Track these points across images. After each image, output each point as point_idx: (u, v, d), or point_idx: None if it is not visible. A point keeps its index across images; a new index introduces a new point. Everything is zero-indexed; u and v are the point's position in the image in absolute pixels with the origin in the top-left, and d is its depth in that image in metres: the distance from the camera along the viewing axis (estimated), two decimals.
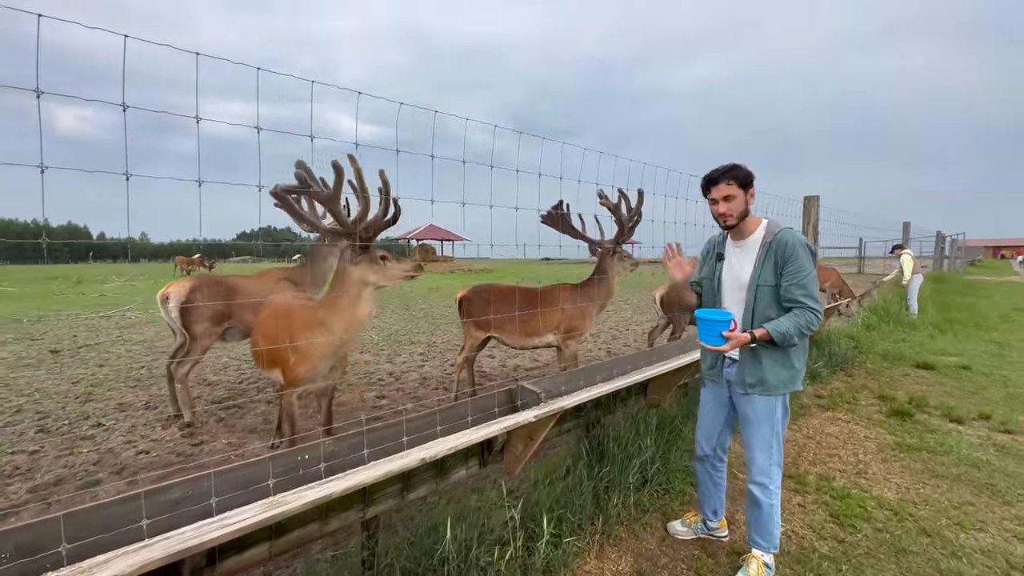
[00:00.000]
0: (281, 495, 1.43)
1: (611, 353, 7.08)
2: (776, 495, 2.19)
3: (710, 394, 2.40)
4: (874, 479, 3.21)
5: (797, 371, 2.11)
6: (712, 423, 2.40)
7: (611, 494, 2.59)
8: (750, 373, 2.13)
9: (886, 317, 8.51)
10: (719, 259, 2.28)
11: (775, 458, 2.17)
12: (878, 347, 6.70)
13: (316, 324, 2.70)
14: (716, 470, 2.46)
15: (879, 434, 3.93)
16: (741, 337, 2.01)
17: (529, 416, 1.95)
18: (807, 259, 1.99)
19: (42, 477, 3.08)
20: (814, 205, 6.36)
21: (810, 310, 1.97)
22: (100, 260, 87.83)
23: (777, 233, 2.06)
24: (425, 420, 2.10)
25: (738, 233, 2.17)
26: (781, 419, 2.16)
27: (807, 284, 1.99)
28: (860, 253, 23.48)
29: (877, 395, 4.86)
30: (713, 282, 2.29)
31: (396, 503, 1.97)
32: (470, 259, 36.37)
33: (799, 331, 1.97)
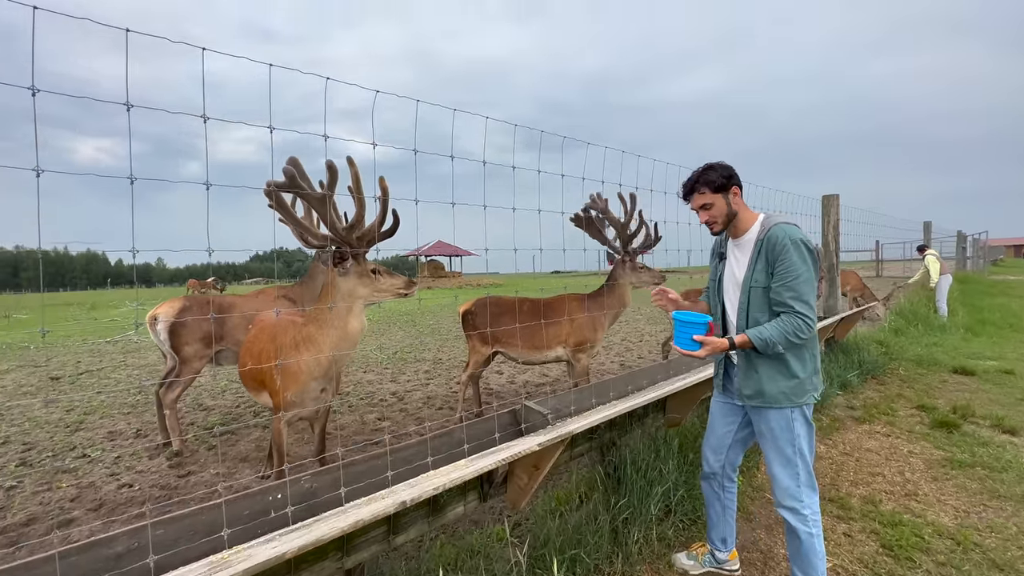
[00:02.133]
0: (228, 553, 1.18)
1: (624, 366, 6.76)
2: (814, 522, 1.91)
3: (718, 403, 2.18)
4: (927, 501, 2.86)
5: (801, 381, 1.87)
6: (720, 436, 2.16)
7: (631, 528, 2.29)
8: (746, 383, 1.96)
9: (914, 320, 8.09)
10: (721, 258, 2.10)
11: (803, 478, 1.90)
12: (909, 352, 6.30)
13: (303, 341, 2.48)
14: (725, 491, 2.21)
15: (925, 449, 3.57)
16: (717, 343, 1.85)
17: (532, 444, 1.69)
18: (800, 258, 1.78)
19: (13, 516, 2.85)
20: (834, 204, 6.05)
21: (798, 315, 1.77)
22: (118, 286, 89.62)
23: (769, 229, 1.86)
24: (414, 450, 1.84)
25: (735, 231, 1.99)
26: (804, 435, 1.90)
27: (797, 286, 1.78)
28: (878, 256, 22.91)
29: (916, 404, 4.48)
30: (715, 283, 2.11)
31: (382, 548, 1.70)
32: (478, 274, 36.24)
33: (784, 339, 1.78)
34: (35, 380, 6.76)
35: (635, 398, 2.37)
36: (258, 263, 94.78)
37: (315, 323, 2.47)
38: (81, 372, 7.24)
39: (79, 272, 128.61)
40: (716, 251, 2.14)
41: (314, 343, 2.43)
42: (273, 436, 2.72)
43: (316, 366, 2.46)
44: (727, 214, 1.93)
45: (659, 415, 2.96)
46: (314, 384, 2.54)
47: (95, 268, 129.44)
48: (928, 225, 12.33)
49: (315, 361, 2.45)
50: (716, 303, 2.11)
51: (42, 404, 5.39)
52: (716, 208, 1.93)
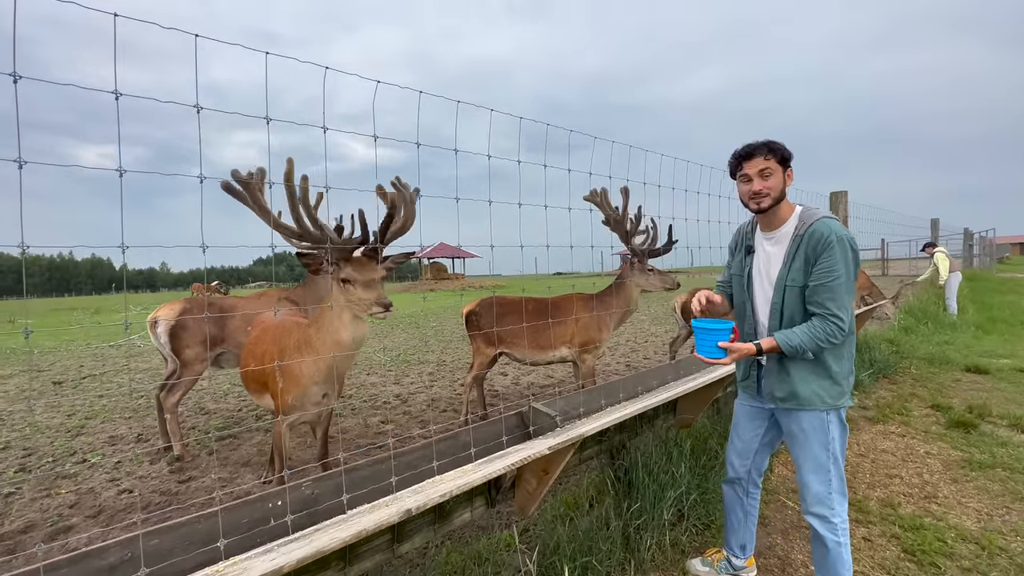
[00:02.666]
0: (224, 565, 1.11)
1: (631, 367, 6.68)
2: (843, 531, 1.80)
3: (744, 407, 2.06)
4: (947, 504, 2.77)
5: (837, 383, 1.75)
6: (747, 441, 2.05)
7: (643, 534, 2.21)
8: (778, 385, 1.83)
9: (923, 318, 7.97)
10: (748, 252, 1.94)
11: (835, 484, 1.79)
12: (920, 351, 6.19)
13: (305, 344, 2.41)
14: (749, 496, 2.11)
15: (942, 449, 3.48)
16: (743, 348, 1.73)
17: (542, 448, 1.62)
18: (843, 259, 1.65)
19: (10, 524, 2.80)
20: (842, 201, 5.95)
21: (832, 320, 1.64)
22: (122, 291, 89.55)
23: (811, 224, 1.71)
24: (419, 454, 1.77)
25: (768, 222, 1.84)
26: (838, 438, 1.78)
27: (836, 288, 1.64)
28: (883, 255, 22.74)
29: (930, 404, 4.38)
30: (743, 279, 1.95)
31: (386, 557, 1.63)
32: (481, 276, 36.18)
33: (815, 344, 1.66)
34: (37, 385, 6.73)
35: (646, 399, 2.29)
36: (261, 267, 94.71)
37: (315, 326, 2.41)
38: (84, 376, 7.20)
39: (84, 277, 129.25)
40: (741, 244, 1.97)
41: (312, 346, 2.37)
42: (274, 440, 2.66)
43: (316, 370, 2.39)
44: (781, 191, 1.77)
45: (670, 416, 2.88)
46: (315, 388, 2.47)
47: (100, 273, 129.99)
48: (936, 223, 12.20)
49: (314, 364, 2.38)
50: (744, 302, 1.95)
51: (43, 408, 5.36)
52: (775, 179, 1.75)
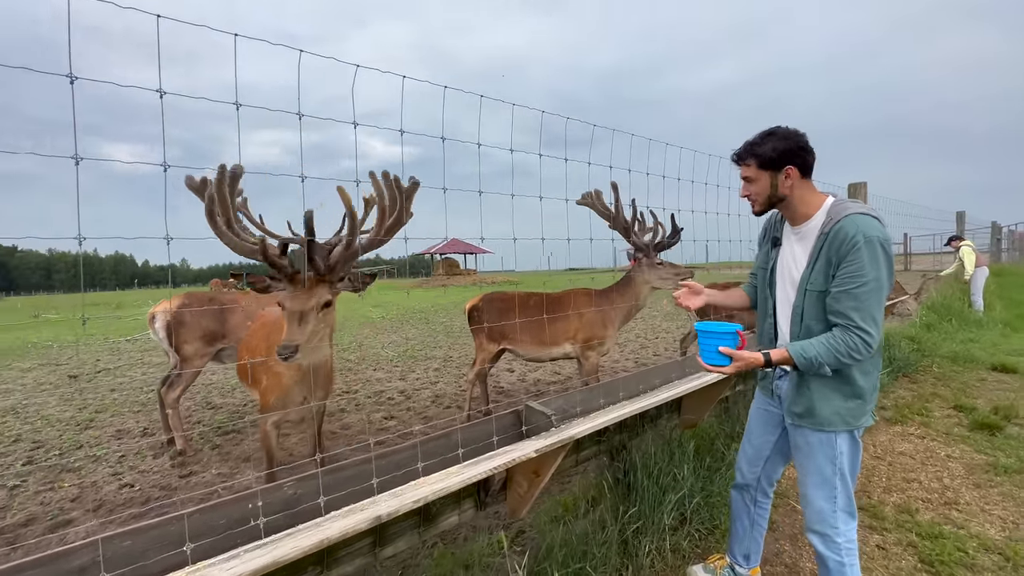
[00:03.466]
0: (185, 572, 1.06)
1: (640, 363, 6.55)
2: (849, 552, 1.65)
3: (759, 410, 1.92)
4: (969, 511, 2.62)
5: (862, 400, 1.58)
6: (758, 447, 1.92)
7: (642, 539, 2.12)
8: (796, 400, 1.66)
9: (947, 315, 7.67)
10: (775, 245, 1.76)
11: (840, 503, 1.63)
12: (943, 349, 5.95)
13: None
14: (758, 505, 1.98)
15: (964, 452, 3.31)
16: (749, 357, 1.55)
17: (528, 451, 1.54)
18: (872, 261, 1.43)
19: (12, 517, 2.82)
20: (861, 193, 5.72)
21: (857, 332, 1.43)
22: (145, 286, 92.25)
23: (839, 220, 1.50)
24: (406, 454, 1.70)
25: (791, 216, 1.67)
26: (848, 453, 1.62)
27: (862, 296, 1.43)
28: (906, 249, 22.10)
29: (953, 404, 4.19)
30: (766, 273, 1.78)
31: (367, 561, 1.57)
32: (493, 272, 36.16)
33: (835, 359, 1.45)
34: (54, 378, 6.87)
35: (646, 399, 2.20)
36: None
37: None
38: (99, 370, 7.34)
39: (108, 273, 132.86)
40: (769, 234, 1.81)
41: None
42: (260, 438, 2.62)
43: (291, 371, 2.31)
44: (769, 196, 1.63)
45: (673, 416, 2.78)
46: (296, 389, 2.40)
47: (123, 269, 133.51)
48: (961, 215, 11.75)
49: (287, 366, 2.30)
50: (766, 298, 1.79)
51: (57, 401, 5.45)
52: (758, 186, 1.63)
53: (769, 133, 1.61)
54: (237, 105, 1.44)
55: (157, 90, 1.35)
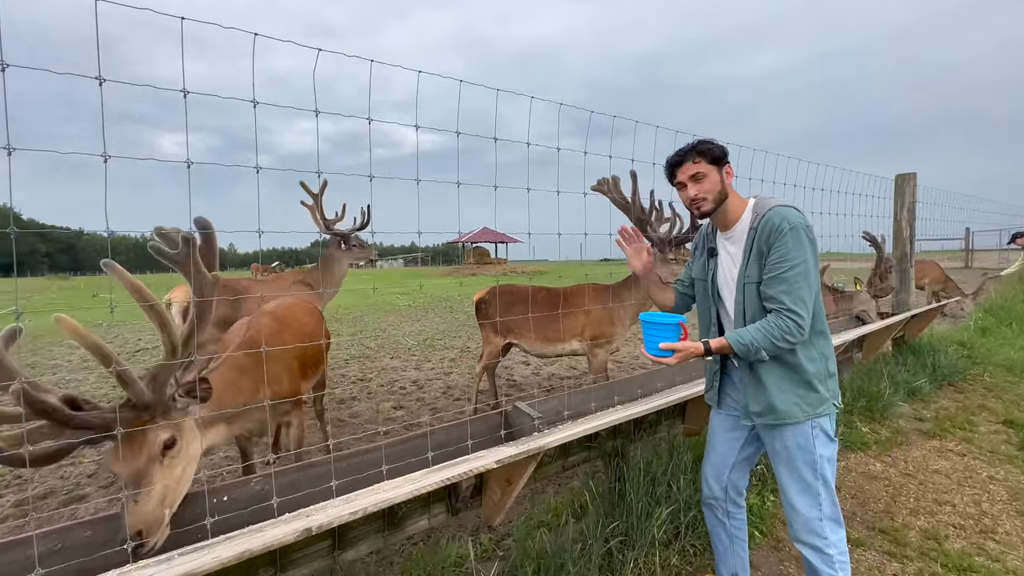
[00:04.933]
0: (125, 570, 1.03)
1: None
2: (841, 563, 1.59)
3: (720, 416, 1.87)
4: (1008, 542, 2.36)
5: (814, 388, 1.58)
6: (722, 455, 1.86)
7: (628, 553, 2.00)
8: (753, 398, 1.66)
9: (1006, 319, 7.02)
10: (711, 255, 1.77)
11: (825, 509, 1.60)
12: (998, 356, 5.43)
13: None
14: (731, 518, 1.89)
15: (1010, 474, 2.99)
16: (689, 347, 1.58)
17: (489, 461, 1.44)
18: (798, 245, 1.50)
19: (33, 489, 2.99)
20: (909, 184, 5.28)
21: (788, 314, 1.48)
22: None
23: (765, 213, 1.56)
24: (364, 458, 1.65)
25: (723, 221, 1.70)
26: (827, 455, 1.60)
27: (792, 279, 1.49)
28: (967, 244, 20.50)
29: (1002, 419, 3.81)
30: (706, 283, 1.79)
31: (326, 564, 1.53)
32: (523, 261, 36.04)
33: (769, 342, 1.49)
34: (74, 359, 7.28)
35: (639, 405, 2.06)
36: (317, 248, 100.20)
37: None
38: (138, 350, 7.75)
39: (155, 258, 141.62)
40: (704, 246, 1.82)
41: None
42: None
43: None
44: (720, 192, 1.64)
45: (675, 422, 2.62)
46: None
47: None
48: None
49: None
50: (709, 307, 1.80)
51: (96, 379, 5.78)
52: (709, 181, 1.63)
53: (700, 141, 1.66)
54: (255, 103, 1.51)
55: (181, 90, 1.40)
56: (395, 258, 63.43)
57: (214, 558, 1.02)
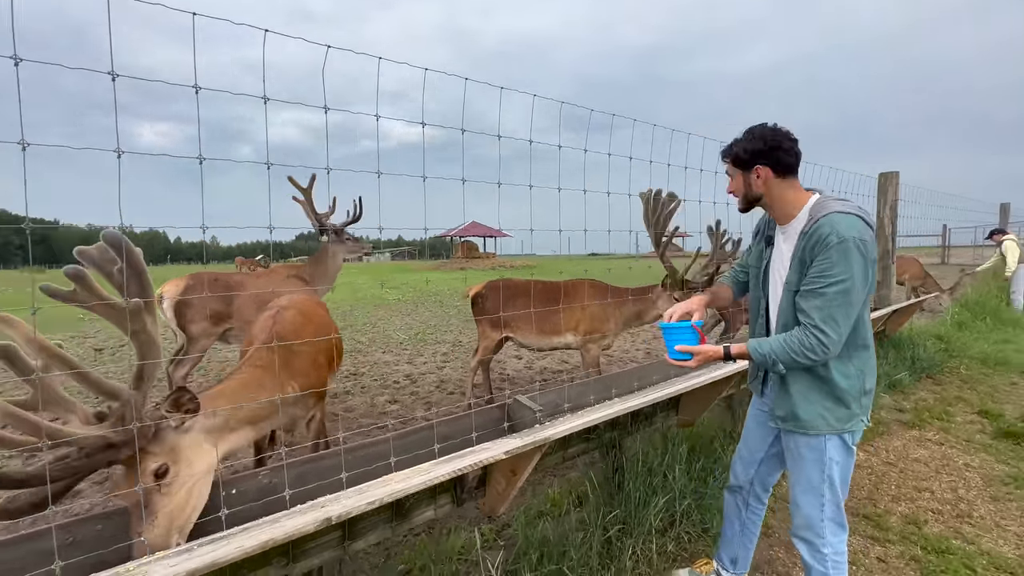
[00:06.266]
0: (134, 564, 1.05)
1: (651, 354, 6.44)
2: (835, 564, 1.62)
3: (755, 412, 1.88)
4: (983, 526, 2.48)
5: (845, 404, 1.53)
6: (753, 449, 1.88)
7: (626, 540, 2.07)
8: (778, 402, 1.65)
9: (981, 313, 7.27)
10: (768, 243, 1.72)
11: (828, 511, 1.60)
12: (974, 349, 5.64)
13: None
14: (750, 509, 1.94)
15: (985, 462, 3.13)
16: (709, 351, 1.59)
17: (498, 452, 1.49)
18: (843, 261, 1.40)
19: None
20: (892, 183, 5.43)
21: (815, 332, 1.41)
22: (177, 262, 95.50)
23: (817, 220, 1.47)
24: (372, 450, 1.68)
25: (777, 215, 1.65)
26: (839, 462, 1.58)
27: (828, 296, 1.40)
28: (944, 241, 21.06)
29: (978, 410, 3.97)
30: (759, 272, 1.74)
31: (336, 554, 1.57)
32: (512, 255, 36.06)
33: (788, 356, 1.45)
34: (81, 351, 7.15)
35: (637, 397, 2.11)
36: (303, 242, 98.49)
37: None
38: (123, 344, 7.61)
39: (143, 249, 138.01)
40: (763, 232, 1.77)
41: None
42: None
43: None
44: (745, 194, 1.63)
45: (670, 414, 2.69)
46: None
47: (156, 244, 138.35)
48: (1006, 207, 11.07)
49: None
50: (758, 298, 1.76)
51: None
52: (735, 183, 1.65)
53: (747, 131, 1.60)
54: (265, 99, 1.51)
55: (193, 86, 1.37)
56: (382, 251, 62.93)
57: (237, 547, 1.05)
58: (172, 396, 1.54)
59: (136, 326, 1.46)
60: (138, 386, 1.51)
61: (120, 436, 1.44)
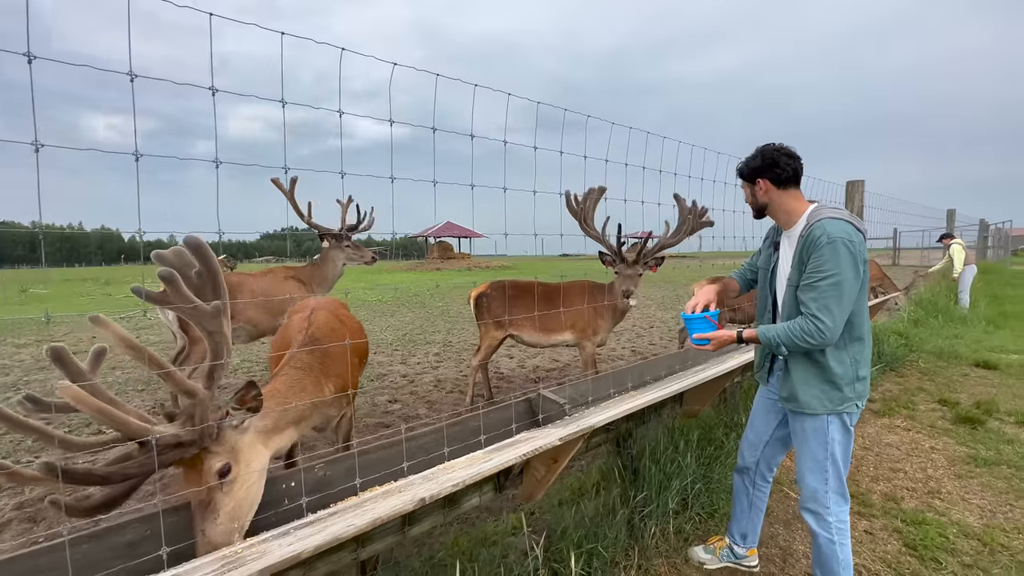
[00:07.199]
0: (243, 546, 1.14)
1: (636, 352, 6.69)
2: (839, 530, 1.83)
3: (762, 398, 2.10)
4: (950, 500, 2.79)
5: (838, 388, 1.74)
6: (759, 432, 2.10)
7: (647, 522, 2.24)
8: (782, 385, 1.88)
9: (934, 311, 7.89)
10: (776, 248, 1.97)
11: (832, 484, 1.81)
12: (929, 344, 6.15)
13: None
14: (757, 488, 2.15)
15: (947, 445, 3.48)
16: (724, 336, 1.86)
17: (553, 439, 1.63)
18: (834, 258, 1.62)
19: (31, 491, 2.89)
20: (858, 191, 5.83)
21: (812, 318, 1.64)
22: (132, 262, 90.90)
23: (812, 225, 1.71)
24: (430, 438, 1.79)
25: (781, 222, 1.90)
26: (840, 440, 1.79)
27: (822, 288, 1.63)
28: (895, 244, 22.44)
29: (937, 399, 4.37)
30: (767, 273, 1.99)
31: (397, 540, 1.67)
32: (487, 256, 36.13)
33: (790, 340, 1.68)
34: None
35: (656, 390, 2.30)
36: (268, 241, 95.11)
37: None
38: None
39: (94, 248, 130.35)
40: (772, 239, 2.02)
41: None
42: None
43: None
44: (755, 203, 1.90)
45: (676, 405, 2.89)
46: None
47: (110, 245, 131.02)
48: (951, 213, 11.98)
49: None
50: (766, 295, 2.00)
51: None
52: (746, 195, 1.93)
53: (756, 151, 1.87)
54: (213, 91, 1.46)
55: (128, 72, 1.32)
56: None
57: (348, 525, 1.14)
58: (240, 391, 1.60)
59: (212, 327, 1.52)
60: (209, 386, 1.56)
61: (190, 435, 1.50)
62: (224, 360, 1.59)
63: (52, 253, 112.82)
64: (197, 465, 1.47)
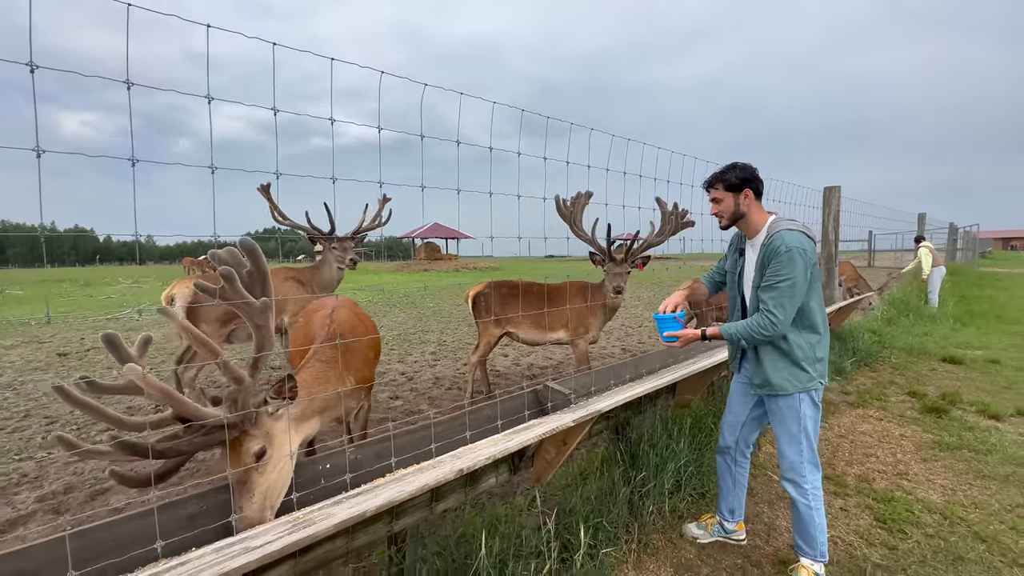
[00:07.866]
0: (307, 511, 1.30)
1: (626, 350, 6.93)
2: (814, 496, 2.08)
3: (738, 384, 2.34)
4: (917, 480, 3.05)
5: (804, 369, 2.00)
6: (737, 414, 2.33)
7: (646, 501, 2.45)
8: (755, 373, 2.11)
9: (905, 310, 8.31)
10: (741, 254, 2.21)
11: (806, 455, 2.07)
12: (900, 341, 6.52)
13: None
14: (738, 465, 2.38)
15: (915, 432, 3.77)
16: (689, 334, 2.11)
17: (567, 420, 1.82)
18: (790, 265, 1.88)
19: (50, 485, 2.97)
20: (835, 196, 6.18)
21: (768, 315, 1.90)
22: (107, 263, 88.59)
23: (772, 236, 1.96)
24: (452, 424, 1.96)
25: (747, 231, 2.12)
26: (810, 415, 2.06)
27: (777, 288, 1.89)
28: (870, 246, 23.22)
29: (907, 391, 4.69)
30: (735, 276, 2.24)
31: (425, 515, 1.83)
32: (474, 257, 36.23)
33: (748, 334, 1.95)
34: (42, 356, 6.80)
35: (653, 380, 2.50)
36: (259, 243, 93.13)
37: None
38: (88, 349, 7.29)
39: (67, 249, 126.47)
40: (736, 245, 2.25)
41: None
42: None
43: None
44: (734, 212, 2.07)
45: (670, 396, 3.11)
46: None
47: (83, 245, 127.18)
48: (922, 217, 12.53)
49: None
50: (735, 296, 2.24)
51: (53, 378, 5.46)
52: (724, 205, 2.08)
53: (730, 167, 2.07)
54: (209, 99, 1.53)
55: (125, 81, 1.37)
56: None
57: (399, 491, 1.31)
58: (279, 383, 1.75)
59: (260, 321, 1.66)
60: (252, 374, 1.71)
61: (234, 418, 1.65)
62: (268, 351, 1.74)
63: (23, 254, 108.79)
64: (236, 447, 1.61)
